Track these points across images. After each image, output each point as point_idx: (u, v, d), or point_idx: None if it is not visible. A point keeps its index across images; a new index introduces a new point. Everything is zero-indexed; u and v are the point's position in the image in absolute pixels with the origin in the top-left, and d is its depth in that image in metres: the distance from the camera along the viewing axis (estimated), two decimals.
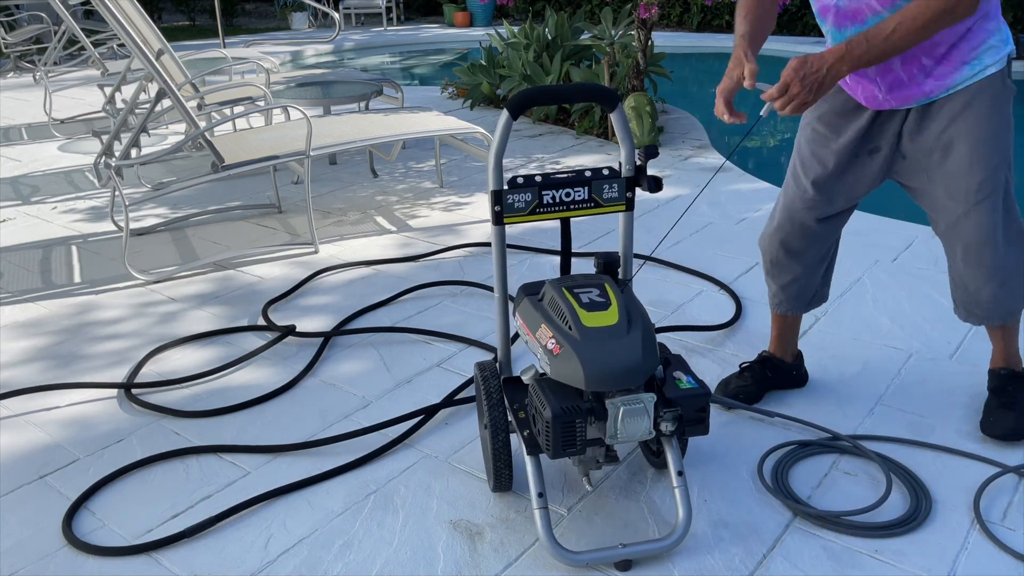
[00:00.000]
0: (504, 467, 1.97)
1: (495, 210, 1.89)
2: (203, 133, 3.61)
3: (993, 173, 1.95)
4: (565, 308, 1.79)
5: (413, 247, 3.72)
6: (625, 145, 1.95)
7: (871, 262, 3.36)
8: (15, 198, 4.59)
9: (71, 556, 1.92)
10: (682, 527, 1.83)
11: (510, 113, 1.83)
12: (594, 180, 1.92)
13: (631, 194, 1.96)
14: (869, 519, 1.94)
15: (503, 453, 1.95)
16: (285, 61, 9.63)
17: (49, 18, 9.03)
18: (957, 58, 1.89)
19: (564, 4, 12.42)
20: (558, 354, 1.73)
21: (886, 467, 2.08)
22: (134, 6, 4.47)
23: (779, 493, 2.02)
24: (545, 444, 1.73)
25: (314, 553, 1.91)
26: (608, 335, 1.73)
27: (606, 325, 1.75)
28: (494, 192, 1.87)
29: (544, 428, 1.72)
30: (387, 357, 2.77)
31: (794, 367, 2.45)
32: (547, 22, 6.37)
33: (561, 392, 1.75)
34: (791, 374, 2.44)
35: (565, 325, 1.77)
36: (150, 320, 3.08)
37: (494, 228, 1.93)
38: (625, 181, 1.95)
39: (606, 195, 1.94)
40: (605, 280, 1.89)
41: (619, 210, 1.97)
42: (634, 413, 1.71)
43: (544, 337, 1.79)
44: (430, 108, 4.58)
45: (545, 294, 1.89)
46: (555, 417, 1.69)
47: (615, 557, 1.80)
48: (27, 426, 2.43)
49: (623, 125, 1.95)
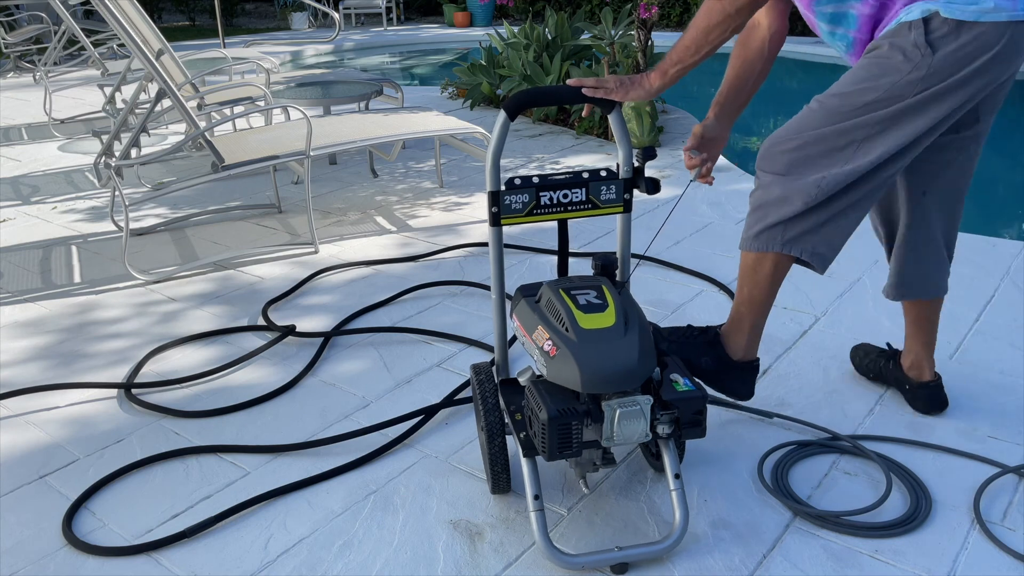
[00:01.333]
0: (502, 470, 1.97)
1: (492, 211, 1.89)
2: (203, 133, 3.60)
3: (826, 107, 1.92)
4: (562, 310, 1.78)
5: (413, 247, 3.72)
6: (623, 146, 1.95)
7: (871, 262, 3.36)
8: (15, 198, 4.59)
9: (71, 556, 1.92)
10: (679, 530, 1.82)
11: (507, 114, 1.83)
12: (592, 181, 1.91)
13: (628, 196, 1.96)
14: (869, 519, 1.94)
15: (500, 455, 1.95)
16: (285, 61, 9.63)
17: (49, 18, 9.03)
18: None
19: (564, 4, 12.42)
20: (554, 356, 1.73)
21: (886, 467, 2.08)
22: (134, 6, 4.47)
23: (779, 493, 2.02)
24: (541, 446, 1.72)
25: (314, 553, 1.91)
26: (605, 337, 1.73)
27: (603, 327, 1.74)
28: (492, 193, 1.88)
29: (540, 430, 1.71)
30: (387, 357, 2.77)
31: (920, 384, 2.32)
32: (547, 22, 6.38)
33: (558, 394, 1.74)
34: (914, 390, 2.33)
35: (562, 327, 1.77)
36: (150, 320, 3.08)
37: (491, 229, 1.93)
38: (623, 183, 1.94)
39: (604, 196, 1.94)
40: (602, 282, 1.89)
41: (616, 211, 1.97)
42: (630, 416, 1.70)
43: (541, 339, 1.78)
44: (430, 108, 4.58)
45: (542, 296, 1.88)
46: (551, 419, 1.68)
47: (611, 560, 1.79)
48: (27, 426, 2.43)
49: (621, 127, 1.95)
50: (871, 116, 1.88)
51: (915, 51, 1.82)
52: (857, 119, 1.90)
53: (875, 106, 1.87)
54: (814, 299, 3.05)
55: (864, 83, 1.89)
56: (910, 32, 1.82)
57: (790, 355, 2.68)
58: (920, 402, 2.33)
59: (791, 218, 1.97)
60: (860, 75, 1.90)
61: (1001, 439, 2.22)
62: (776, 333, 2.82)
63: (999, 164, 5.43)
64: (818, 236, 1.98)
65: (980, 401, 2.39)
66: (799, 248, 1.98)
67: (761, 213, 2.01)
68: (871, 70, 1.89)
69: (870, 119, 1.89)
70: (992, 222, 4.32)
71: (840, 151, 1.92)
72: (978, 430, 2.26)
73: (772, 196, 1.98)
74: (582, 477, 1.91)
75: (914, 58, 1.82)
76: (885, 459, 2.13)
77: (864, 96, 1.89)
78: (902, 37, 1.84)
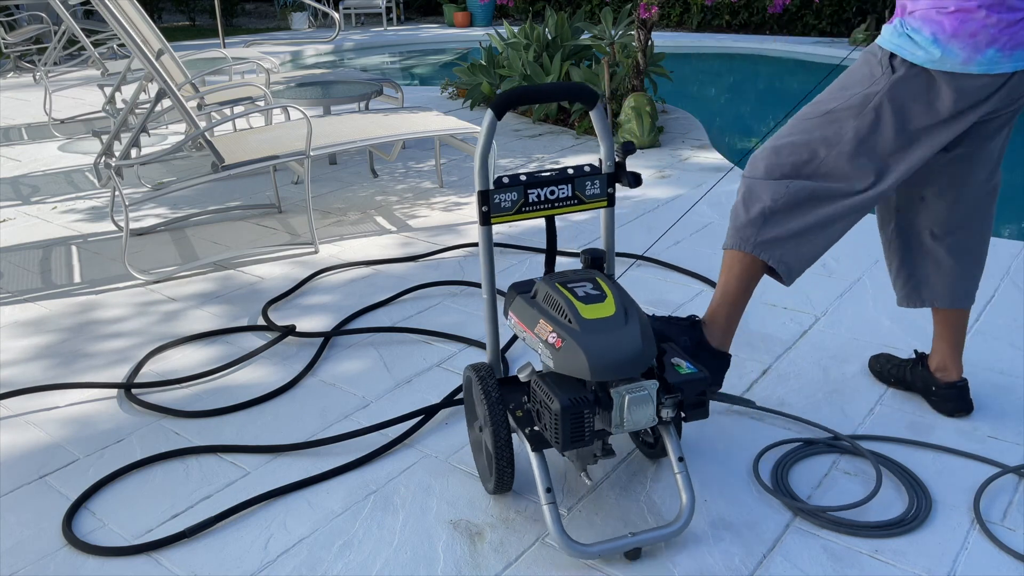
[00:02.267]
0: (507, 466, 1.97)
1: (483, 210, 1.90)
2: (203, 133, 3.61)
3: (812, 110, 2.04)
4: (562, 302, 1.80)
5: (413, 247, 3.72)
6: (605, 142, 1.99)
7: (871, 262, 3.36)
8: (15, 198, 4.59)
9: (71, 556, 1.92)
10: (687, 512, 1.84)
11: (494, 113, 1.85)
12: (577, 177, 1.96)
13: (612, 190, 2.01)
14: (869, 519, 1.94)
15: (506, 452, 1.95)
16: (285, 61, 9.63)
17: (49, 18, 9.03)
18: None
19: (564, 4, 12.42)
20: (560, 347, 1.74)
21: (876, 461, 2.09)
22: (134, 6, 4.47)
23: (779, 493, 2.02)
24: (554, 438, 1.74)
25: (314, 553, 1.91)
26: (608, 326, 1.75)
27: (605, 316, 1.77)
28: (481, 193, 1.89)
29: (552, 421, 1.73)
30: (387, 357, 2.77)
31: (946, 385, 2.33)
32: (547, 22, 6.38)
33: (566, 384, 1.76)
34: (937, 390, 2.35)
35: (564, 319, 1.78)
36: (150, 320, 3.08)
37: (481, 228, 1.94)
38: (606, 177, 1.99)
39: (588, 192, 1.98)
40: (596, 274, 1.92)
41: (601, 206, 2.02)
42: (640, 401, 1.73)
43: (544, 332, 1.80)
44: (430, 108, 4.58)
45: (538, 291, 1.90)
46: (564, 409, 1.70)
47: (626, 546, 1.81)
48: (27, 426, 2.43)
49: (603, 123, 1.99)
50: (835, 125, 2.01)
51: (879, 67, 1.96)
52: (823, 128, 2.02)
53: (835, 114, 2.01)
54: (814, 299, 3.05)
55: (830, 92, 2.04)
56: (879, 52, 1.97)
57: (790, 355, 2.68)
58: (948, 403, 2.32)
59: (764, 217, 2.07)
60: (832, 84, 2.04)
61: (1001, 439, 2.22)
62: (776, 333, 2.82)
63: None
64: (788, 245, 2.07)
65: (980, 401, 2.39)
66: (768, 254, 2.08)
67: (737, 211, 2.13)
68: (841, 79, 2.03)
69: (836, 129, 2.01)
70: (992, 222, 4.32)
71: (807, 163, 2.05)
72: (978, 430, 2.26)
73: (747, 195, 2.10)
74: (583, 470, 1.93)
75: (876, 74, 1.97)
76: (882, 458, 2.13)
77: (827, 104, 2.03)
78: (872, 54, 1.99)
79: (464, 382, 2.12)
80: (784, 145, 2.07)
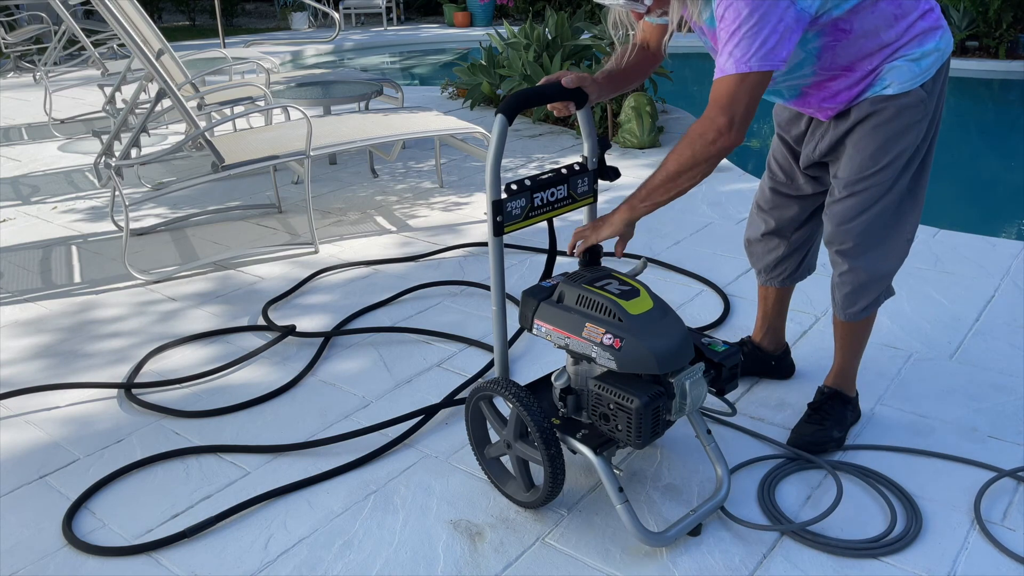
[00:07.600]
0: (561, 474, 1.90)
1: (497, 220, 1.84)
2: (203, 133, 3.61)
3: (871, 175, 2.00)
4: (605, 302, 1.80)
5: (413, 247, 3.72)
6: (589, 140, 2.03)
7: None
8: (15, 198, 4.59)
9: (71, 556, 1.92)
10: (726, 480, 1.94)
11: (505, 117, 1.80)
12: (570, 177, 1.98)
13: (596, 186, 2.05)
14: (857, 536, 1.94)
15: (559, 461, 1.88)
16: (285, 61, 9.63)
17: (49, 18, 9.03)
18: (851, 91, 1.95)
19: (564, 4, 12.42)
20: (620, 347, 1.75)
21: (833, 470, 2.10)
22: (134, 6, 4.47)
23: (767, 515, 1.98)
24: (635, 436, 1.75)
25: (314, 553, 1.91)
26: (655, 318, 1.79)
27: (648, 310, 1.80)
28: (495, 203, 1.82)
29: (631, 420, 1.74)
30: (387, 357, 2.77)
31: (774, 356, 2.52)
32: (547, 22, 6.37)
33: (632, 382, 1.78)
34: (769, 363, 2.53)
35: (613, 318, 1.78)
36: (150, 320, 3.08)
37: (493, 239, 1.87)
38: (592, 174, 2.03)
39: (579, 190, 2.01)
40: (609, 270, 1.93)
41: (588, 203, 2.06)
42: (698, 383, 1.82)
43: (596, 334, 1.79)
44: (430, 108, 4.58)
45: (565, 294, 1.87)
46: (645, 405, 1.73)
47: (691, 524, 1.88)
48: (27, 426, 2.43)
49: (588, 122, 2.03)
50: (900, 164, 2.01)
51: (920, 104, 1.94)
52: (900, 175, 2.02)
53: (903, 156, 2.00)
54: (814, 299, 3.05)
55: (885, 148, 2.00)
56: (900, 98, 1.93)
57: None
58: (786, 370, 2.55)
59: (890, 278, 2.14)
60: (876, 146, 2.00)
61: (1001, 439, 2.22)
62: None
63: (999, 164, 5.43)
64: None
65: (980, 401, 2.39)
66: (889, 293, 2.18)
67: (864, 291, 2.12)
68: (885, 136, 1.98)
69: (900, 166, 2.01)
70: (992, 222, 4.32)
71: (900, 208, 2.05)
72: (978, 430, 2.26)
73: (872, 275, 2.10)
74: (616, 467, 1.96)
75: (919, 106, 1.96)
76: (872, 473, 2.10)
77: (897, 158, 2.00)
78: (898, 100, 1.94)
79: (473, 402, 2.04)
80: (879, 212, 2.05)
